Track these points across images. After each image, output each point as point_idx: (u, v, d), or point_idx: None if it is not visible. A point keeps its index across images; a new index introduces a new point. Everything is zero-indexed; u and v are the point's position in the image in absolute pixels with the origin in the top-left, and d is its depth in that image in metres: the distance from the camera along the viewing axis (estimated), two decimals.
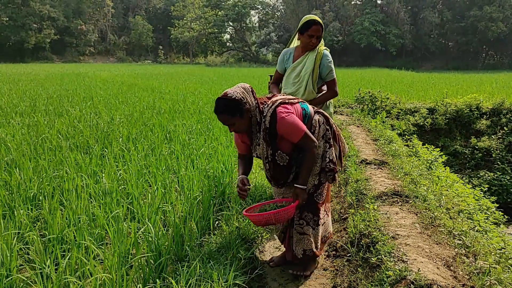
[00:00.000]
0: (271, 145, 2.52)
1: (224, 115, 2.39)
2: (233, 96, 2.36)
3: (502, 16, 42.76)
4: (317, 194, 2.68)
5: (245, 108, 2.39)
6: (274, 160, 2.56)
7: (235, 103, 2.36)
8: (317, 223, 2.70)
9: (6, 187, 3.65)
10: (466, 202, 4.05)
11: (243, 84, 2.49)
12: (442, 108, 10.56)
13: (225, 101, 2.36)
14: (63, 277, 2.29)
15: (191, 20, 58.16)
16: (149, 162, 4.52)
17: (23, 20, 50.05)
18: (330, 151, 2.63)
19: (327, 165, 2.61)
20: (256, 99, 2.49)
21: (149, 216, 3.12)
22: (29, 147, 4.96)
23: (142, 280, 2.35)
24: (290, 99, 2.59)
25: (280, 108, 2.47)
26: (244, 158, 2.77)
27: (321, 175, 2.65)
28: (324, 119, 2.67)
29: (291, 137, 2.46)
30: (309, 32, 3.36)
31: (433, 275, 2.18)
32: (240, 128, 2.46)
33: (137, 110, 8.29)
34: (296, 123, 2.45)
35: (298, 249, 2.71)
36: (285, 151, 2.55)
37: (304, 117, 2.60)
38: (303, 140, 2.46)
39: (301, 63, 3.52)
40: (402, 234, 2.79)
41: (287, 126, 2.43)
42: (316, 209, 2.69)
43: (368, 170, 4.51)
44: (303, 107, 2.64)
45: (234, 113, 2.37)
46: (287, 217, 2.53)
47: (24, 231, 2.86)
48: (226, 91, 2.40)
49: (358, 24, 47.54)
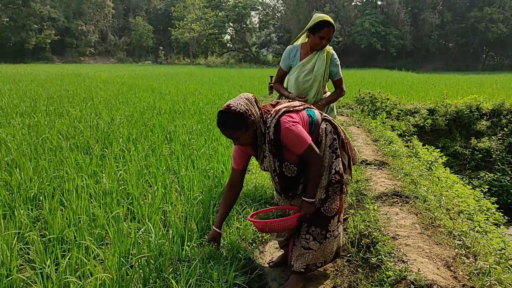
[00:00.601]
0: (278, 156, 2.41)
1: (228, 129, 2.27)
2: (237, 109, 2.22)
3: (502, 17, 42.77)
4: (326, 208, 2.51)
5: (250, 121, 2.26)
6: (282, 172, 2.46)
7: (239, 116, 2.23)
8: (325, 236, 2.54)
9: (7, 187, 3.66)
10: (466, 203, 4.05)
11: (246, 95, 2.36)
12: (442, 109, 10.57)
13: (228, 114, 2.23)
14: (63, 277, 2.29)
15: (191, 21, 58.20)
16: (149, 162, 4.52)
17: (23, 20, 50.12)
18: (337, 162, 2.48)
19: (333, 177, 2.47)
20: (260, 109, 2.37)
21: (149, 216, 3.12)
22: (29, 147, 4.96)
23: (142, 280, 2.35)
24: (295, 106, 2.46)
25: (285, 118, 2.34)
26: (233, 185, 2.64)
27: (329, 188, 2.49)
28: (331, 128, 2.52)
29: (294, 148, 2.34)
30: (321, 34, 3.29)
31: (433, 275, 2.19)
32: (245, 141, 2.35)
33: (137, 110, 8.30)
34: (301, 134, 2.32)
35: (298, 263, 2.56)
36: (293, 162, 2.44)
37: (310, 124, 2.47)
38: (307, 152, 2.34)
39: (310, 62, 3.45)
40: (402, 234, 2.79)
41: (291, 137, 2.31)
42: (325, 223, 2.53)
43: (368, 171, 4.51)
44: (310, 114, 2.50)
45: (239, 127, 2.25)
46: (290, 227, 2.46)
47: (25, 231, 2.87)
48: (229, 103, 2.26)
49: (358, 25, 47.56)
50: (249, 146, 2.47)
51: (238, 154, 2.57)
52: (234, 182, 2.65)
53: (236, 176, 2.64)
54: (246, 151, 2.54)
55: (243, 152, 2.55)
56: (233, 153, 2.61)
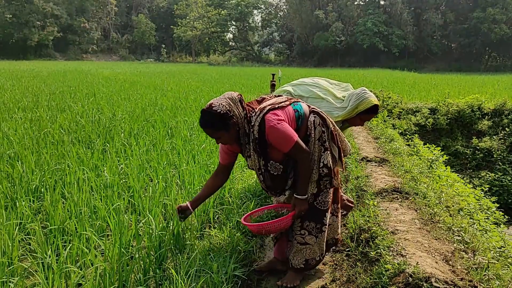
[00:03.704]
0: (263, 155, 2.37)
1: (208, 129, 2.26)
2: (218, 109, 2.20)
3: (505, 18, 42.62)
4: (318, 202, 2.49)
5: (231, 122, 2.23)
6: (267, 170, 2.42)
7: (221, 117, 2.20)
8: (321, 229, 2.51)
9: (9, 179, 3.68)
10: (467, 202, 4.05)
11: (231, 94, 2.31)
12: (443, 108, 10.56)
13: (209, 114, 2.21)
14: (64, 266, 2.31)
15: (194, 19, 58.21)
16: (150, 157, 4.54)
17: (26, 17, 50.11)
18: (325, 155, 2.43)
19: (321, 170, 2.43)
20: (245, 109, 2.32)
21: (150, 208, 3.14)
22: (31, 141, 4.99)
23: (143, 270, 2.37)
24: (280, 102, 2.39)
25: (269, 116, 2.27)
26: (219, 174, 2.62)
27: (320, 182, 2.47)
28: (320, 120, 2.45)
29: (280, 146, 2.29)
30: (368, 118, 3.30)
31: (432, 269, 2.20)
32: (227, 141, 2.33)
33: (139, 106, 8.32)
34: (287, 131, 2.26)
35: (297, 259, 2.54)
36: (278, 160, 2.39)
37: (297, 119, 2.41)
38: (293, 150, 2.29)
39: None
40: (402, 229, 2.81)
41: (276, 136, 2.25)
42: (319, 217, 2.50)
43: (368, 167, 4.52)
44: (296, 109, 2.43)
45: (219, 128, 2.23)
46: (286, 226, 2.45)
47: (26, 222, 2.89)
48: (212, 102, 2.24)
49: (361, 25, 47.47)
50: (235, 144, 2.42)
51: (223, 151, 2.55)
52: (219, 172, 2.64)
53: (221, 170, 2.63)
54: (231, 149, 2.51)
55: (228, 149, 2.52)
56: (219, 148, 2.59)
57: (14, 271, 2.34)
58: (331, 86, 3.50)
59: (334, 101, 3.34)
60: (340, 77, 20.75)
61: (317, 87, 3.45)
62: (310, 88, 3.44)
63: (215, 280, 2.21)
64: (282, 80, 14.30)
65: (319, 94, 3.38)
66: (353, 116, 3.22)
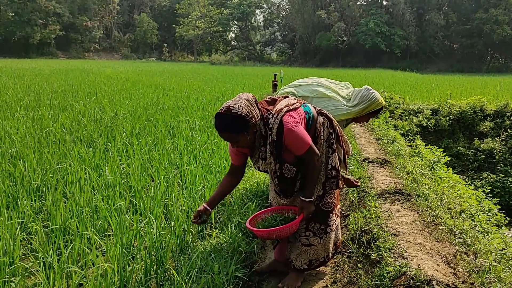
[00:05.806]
0: (278, 158, 2.33)
1: (228, 133, 2.14)
2: (238, 111, 2.10)
3: (507, 19, 42.53)
4: (323, 203, 2.49)
5: (251, 124, 2.15)
6: (282, 173, 2.39)
7: (241, 119, 2.10)
8: (326, 231, 2.51)
9: (10, 178, 3.68)
10: (468, 203, 4.04)
11: (246, 95, 2.24)
12: (445, 109, 10.55)
13: (228, 117, 2.10)
14: (65, 266, 2.31)
15: (196, 18, 58.25)
16: (152, 156, 4.54)
17: (28, 15, 50.17)
18: (333, 157, 2.44)
19: (330, 172, 2.44)
20: (260, 110, 2.27)
21: (151, 209, 3.14)
22: (33, 140, 4.99)
23: (144, 271, 2.37)
24: (293, 103, 2.38)
25: (286, 118, 2.24)
26: (233, 173, 2.56)
27: (326, 184, 2.47)
28: (327, 122, 2.47)
29: (295, 149, 2.27)
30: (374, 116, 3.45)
31: (433, 272, 2.19)
32: (245, 144, 2.23)
33: (141, 106, 8.33)
34: (303, 135, 2.24)
35: (300, 260, 2.53)
36: (291, 162, 2.37)
37: (307, 121, 2.41)
38: (307, 154, 2.28)
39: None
40: (403, 231, 2.80)
41: (293, 138, 2.23)
42: (324, 218, 2.51)
43: (370, 169, 4.51)
44: (306, 110, 2.43)
45: (240, 130, 2.12)
46: (292, 232, 2.42)
47: (28, 221, 2.89)
48: (229, 104, 2.13)
49: (363, 25, 47.41)
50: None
51: (234, 153, 2.50)
52: (233, 172, 2.58)
53: (235, 170, 2.58)
54: (241, 150, 2.44)
55: (238, 151, 2.45)
56: (229, 151, 2.54)
57: (15, 270, 2.34)
58: (334, 85, 3.53)
59: (341, 99, 3.38)
60: (342, 77, 20.73)
61: (322, 86, 3.47)
62: (315, 88, 3.45)
63: (216, 281, 2.21)
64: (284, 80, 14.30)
65: (326, 93, 3.40)
66: (363, 115, 3.39)
